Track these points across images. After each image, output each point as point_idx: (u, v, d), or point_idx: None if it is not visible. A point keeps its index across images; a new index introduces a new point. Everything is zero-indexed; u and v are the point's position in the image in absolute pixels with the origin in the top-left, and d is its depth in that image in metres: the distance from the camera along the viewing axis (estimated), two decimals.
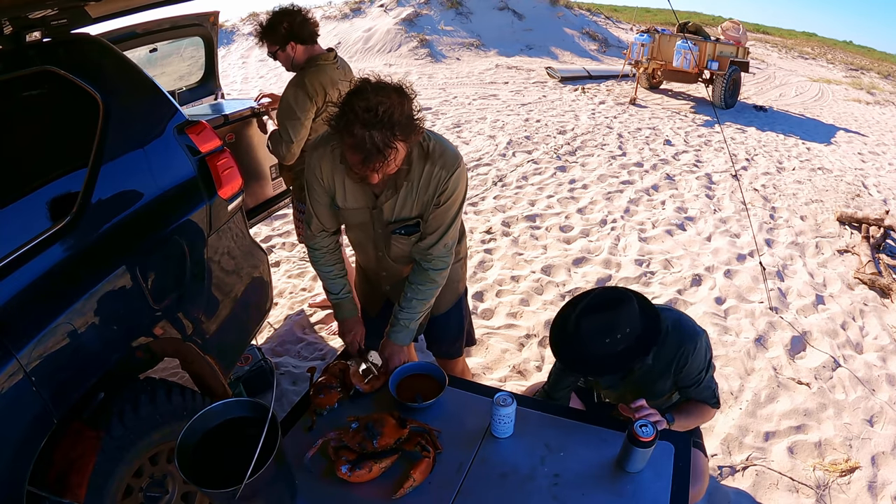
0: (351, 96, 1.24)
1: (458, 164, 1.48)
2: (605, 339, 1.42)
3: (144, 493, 1.59)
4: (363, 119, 1.21)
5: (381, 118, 1.21)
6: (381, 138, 1.22)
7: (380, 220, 1.57)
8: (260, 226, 4.09)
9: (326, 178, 1.53)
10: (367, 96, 1.22)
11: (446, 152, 1.48)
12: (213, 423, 1.21)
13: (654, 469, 1.32)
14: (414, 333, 1.69)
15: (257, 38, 2.38)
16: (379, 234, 1.61)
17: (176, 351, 1.83)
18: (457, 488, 1.29)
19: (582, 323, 1.43)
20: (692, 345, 1.52)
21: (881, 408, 2.61)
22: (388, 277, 1.77)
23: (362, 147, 1.23)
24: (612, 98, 8.81)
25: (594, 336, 1.43)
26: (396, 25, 11.86)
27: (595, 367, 1.47)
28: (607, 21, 15.78)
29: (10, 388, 1.24)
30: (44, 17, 1.50)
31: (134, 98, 1.73)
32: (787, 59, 16.61)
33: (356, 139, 1.23)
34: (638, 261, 3.83)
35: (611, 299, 1.45)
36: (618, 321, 1.42)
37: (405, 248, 1.64)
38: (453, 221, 1.57)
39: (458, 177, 1.49)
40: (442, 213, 1.53)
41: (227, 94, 4.13)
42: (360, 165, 1.28)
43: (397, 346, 1.66)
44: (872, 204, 5.27)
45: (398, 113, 1.24)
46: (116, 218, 1.59)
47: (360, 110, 1.21)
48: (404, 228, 1.57)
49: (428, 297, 1.65)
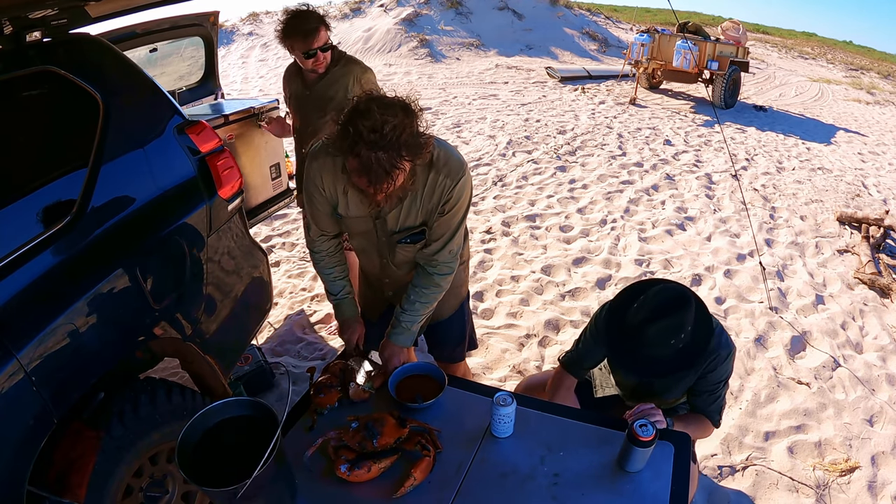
0: (355, 116, 1.19)
1: (463, 171, 1.45)
2: (671, 340, 1.40)
3: (144, 493, 1.59)
4: (368, 140, 1.16)
5: (387, 139, 1.16)
6: (387, 159, 1.18)
7: (384, 229, 1.56)
8: (260, 226, 4.09)
9: (328, 187, 1.50)
10: (372, 116, 1.17)
11: (451, 160, 1.43)
12: (213, 423, 1.21)
13: (653, 469, 1.32)
14: (415, 336, 1.69)
15: (313, 32, 2.16)
16: (383, 241, 1.60)
17: (176, 351, 1.83)
18: (456, 488, 1.29)
19: (650, 327, 1.38)
20: (725, 352, 1.51)
21: (881, 408, 2.62)
22: (391, 283, 1.76)
23: (368, 169, 1.19)
24: (612, 98, 8.81)
25: (662, 339, 1.39)
26: (396, 25, 11.86)
27: (661, 368, 1.43)
28: (607, 21, 15.78)
29: (10, 388, 1.24)
30: (44, 17, 1.50)
31: (134, 98, 1.73)
32: (786, 59, 16.61)
33: (361, 161, 1.18)
34: (638, 261, 3.83)
35: (675, 298, 1.41)
36: (684, 322, 1.39)
37: (410, 255, 1.63)
38: (458, 228, 1.55)
39: (463, 185, 1.45)
40: (447, 220, 1.51)
41: (227, 94, 4.13)
42: (365, 186, 1.26)
43: (397, 347, 1.65)
44: (872, 204, 5.27)
45: (405, 133, 1.19)
46: (116, 218, 1.59)
47: (365, 131, 1.16)
48: (410, 237, 1.56)
49: (431, 300, 1.64)
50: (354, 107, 1.21)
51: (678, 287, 1.46)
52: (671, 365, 1.43)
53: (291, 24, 2.15)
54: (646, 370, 1.47)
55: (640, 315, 1.42)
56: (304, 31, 2.14)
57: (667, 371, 1.45)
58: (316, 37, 2.16)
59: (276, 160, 3.26)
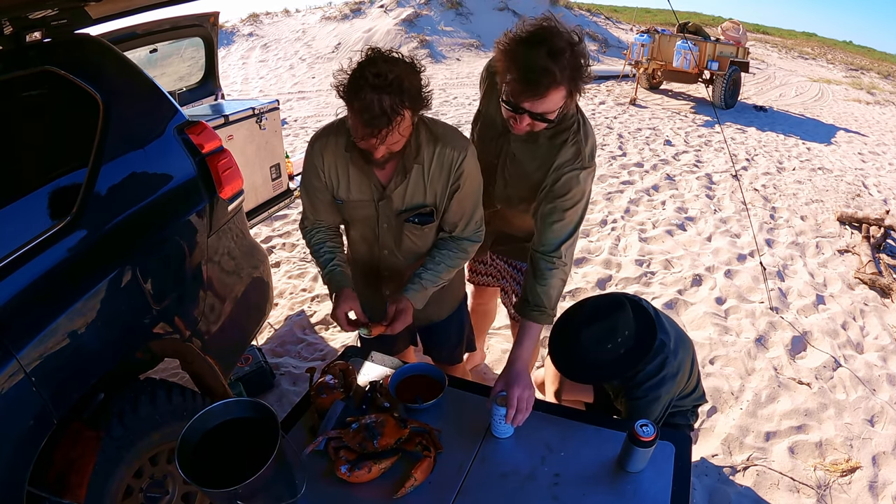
0: (362, 64, 1.25)
1: (468, 144, 1.48)
2: (607, 344, 1.45)
3: (144, 494, 1.58)
4: (373, 84, 1.21)
5: (390, 83, 1.21)
6: (389, 102, 1.21)
7: (388, 211, 1.53)
8: (260, 226, 4.09)
9: (328, 168, 1.50)
10: (377, 64, 1.23)
11: (455, 133, 1.47)
12: (213, 423, 1.21)
13: (654, 469, 1.32)
14: (425, 301, 1.61)
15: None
16: (384, 228, 1.57)
17: (176, 351, 1.83)
18: (457, 488, 1.29)
19: (582, 333, 1.46)
20: (657, 370, 1.54)
21: (882, 408, 2.61)
22: (389, 279, 1.71)
23: (370, 110, 1.22)
24: (612, 98, 8.81)
25: (596, 342, 1.46)
26: (396, 26, 11.87)
27: (603, 373, 1.50)
28: (607, 21, 15.79)
29: (10, 388, 1.24)
30: (44, 18, 1.50)
31: (134, 98, 1.73)
32: (787, 59, 16.62)
33: (364, 103, 1.22)
34: (638, 261, 3.83)
35: (608, 304, 1.48)
36: (617, 325, 1.46)
37: (417, 243, 1.60)
38: (477, 202, 1.57)
39: (472, 156, 1.48)
40: (464, 197, 1.52)
41: (228, 95, 4.14)
42: (365, 131, 1.26)
43: (409, 303, 1.54)
44: (872, 204, 5.27)
45: (408, 82, 1.24)
46: (116, 218, 1.58)
47: (370, 76, 1.21)
48: (418, 217, 1.53)
49: (456, 264, 1.60)
50: (362, 60, 1.27)
51: (616, 295, 1.54)
52: (614, 369, 1.48)
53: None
54: (589, 375, 1.52)
55: (575, 321, 1.50)
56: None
57: (611, 375, 1.51)
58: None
59: (276, 160, 3.27)
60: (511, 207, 1.79)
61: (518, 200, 1.72)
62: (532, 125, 1.45)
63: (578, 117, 1.55)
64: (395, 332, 1.53)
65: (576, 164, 1.52)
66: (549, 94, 1.34)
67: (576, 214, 1.57)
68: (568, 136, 1.53)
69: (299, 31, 12.46)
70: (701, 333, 3.07)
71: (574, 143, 1.53)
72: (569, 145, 1.53)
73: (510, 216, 1.85)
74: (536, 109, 1.38)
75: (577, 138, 1.53)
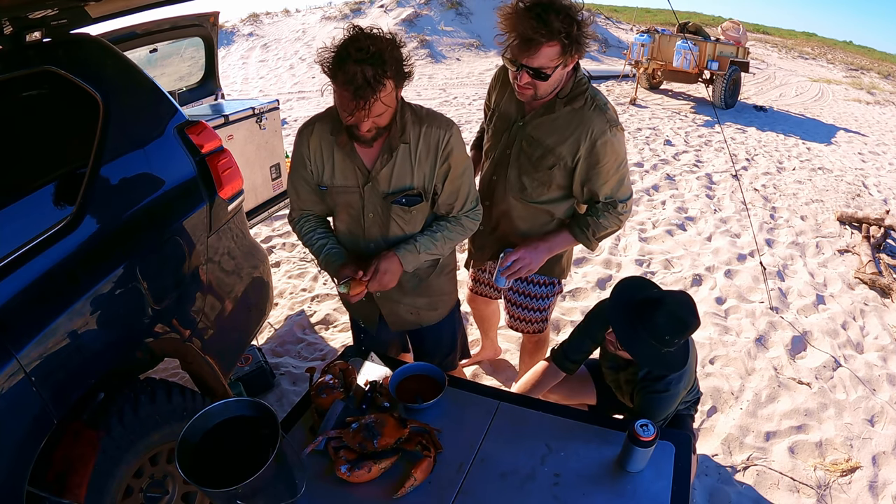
0: (345, 41, 1.31)
1: (452, 123, 1.54)
2: (667, 336, 1.43)
3: (144, 494, 1.58)
4: (356, 57, 1.27)
5: (372, 55, 1.27)
6: (371, 73, 1.27)
7: (374, 196, 1.53)
8: (260, 226, 4.08)
9: (314, 155, 1.53)
10: (359, 39, 1.29)
11: (439, 115, 1.53)
12: (213, 423, 1.21)
13: (654, 469, 1.32)
14: (416, 265, 1.61)
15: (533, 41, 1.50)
16: (370, 219, 1.56)
17: (176, 351, 1.83)
18: (457, 488, 1.29)
19: (661, 311, 1.43)
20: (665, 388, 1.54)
21: (882, 407, 2.61)
22: None
23: (353, 81, 1.27)
24: (613, 98, 8.81)
25: (664, 328, 1.43)
26: (396, 26, 11.86)
27: (644, 354, 1.47)
28: (607, 21, 15.79)
29: (9, 388, 1.24)
30: (44, 17, 1.50)
31: (134, 98, 1.73)
32: (787, 59, 16.62)
33: (348, 75, 1.27)
34: (638, 261, 3.83)
35: (693, 311, 1.46)
36: (688, 328, 1.45)
37: (406, 228, 1.59)
38: (469, 180, 1.60)
39: (457, 134, 1.53)
40: (455, 176, 1.55)
41: (228, 95, 4.14)
42: (350, 102, 1.30)
43: (397, 263, 1.54)
44: (873, 204, 5.27)
45: (388, 54, 1.30)
46: (116, 218, 1.59)
47: (353, 51, 1.27)
48: (405, 198, 1.53)
49: (453, 237, 1.62)
50: (346, 37, 1.33)
51: (693, 308, 1.50)
52: (649, 360, 1.47)
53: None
54: (633, 347, 1.48)
55: (660, 299, 1.46)
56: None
57: (644, 362, 1.49)
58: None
59: (276, 160, 3.27)
60: (524, 198, 1.80)
61: (535, 185, 1.77)
62: (533, 85, 1.57)
63: (589, 86, 1.66)
64: (373, 290, 1.56)
65: (607, 130, 1.63)
66: (542, 49, 1.48)
67: (621, 173, 1.72)
68: (585, 101, 1.64)
69: (299, 31, 12.45)
70: (701, 333, 3.07)
71: (594, 107, 1.64)
72: (588, 109, 1.63)
73: (518, 211, 1.84)
74: (532, 64, 1.51)
75: (597, 102, 1.64)
